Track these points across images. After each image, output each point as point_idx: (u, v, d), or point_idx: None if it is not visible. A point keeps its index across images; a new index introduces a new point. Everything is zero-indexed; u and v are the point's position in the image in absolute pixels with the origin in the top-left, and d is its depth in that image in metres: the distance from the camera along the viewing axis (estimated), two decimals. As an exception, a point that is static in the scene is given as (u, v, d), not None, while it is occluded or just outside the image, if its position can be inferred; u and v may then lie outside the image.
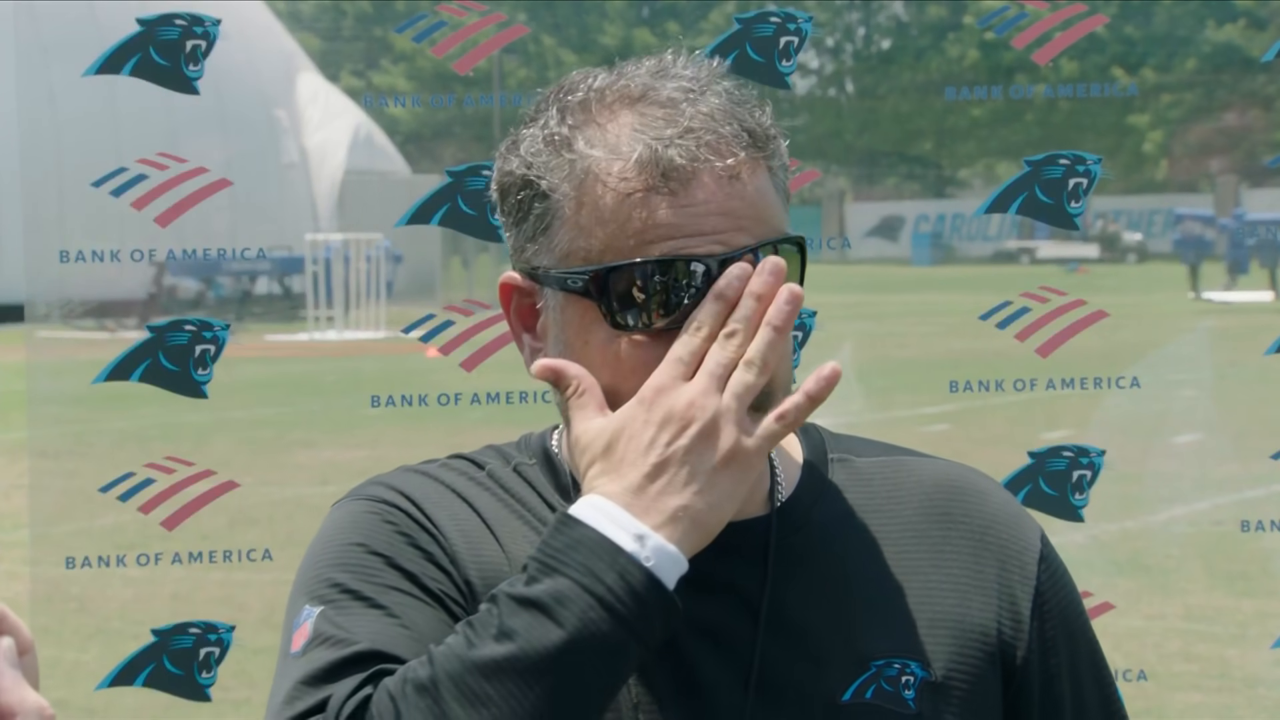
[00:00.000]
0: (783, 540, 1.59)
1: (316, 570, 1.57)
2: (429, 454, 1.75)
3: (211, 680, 3.23)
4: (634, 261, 1.51)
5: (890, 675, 1.56)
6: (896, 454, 1.70)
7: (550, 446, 1.67)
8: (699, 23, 47.12)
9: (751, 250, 1.51)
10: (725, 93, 1.56)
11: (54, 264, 3.20)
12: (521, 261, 1.58)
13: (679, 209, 1.51)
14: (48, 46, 5.67)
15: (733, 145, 1.53)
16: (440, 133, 48.34)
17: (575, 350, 1.55)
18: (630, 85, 1.55)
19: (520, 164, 1.57)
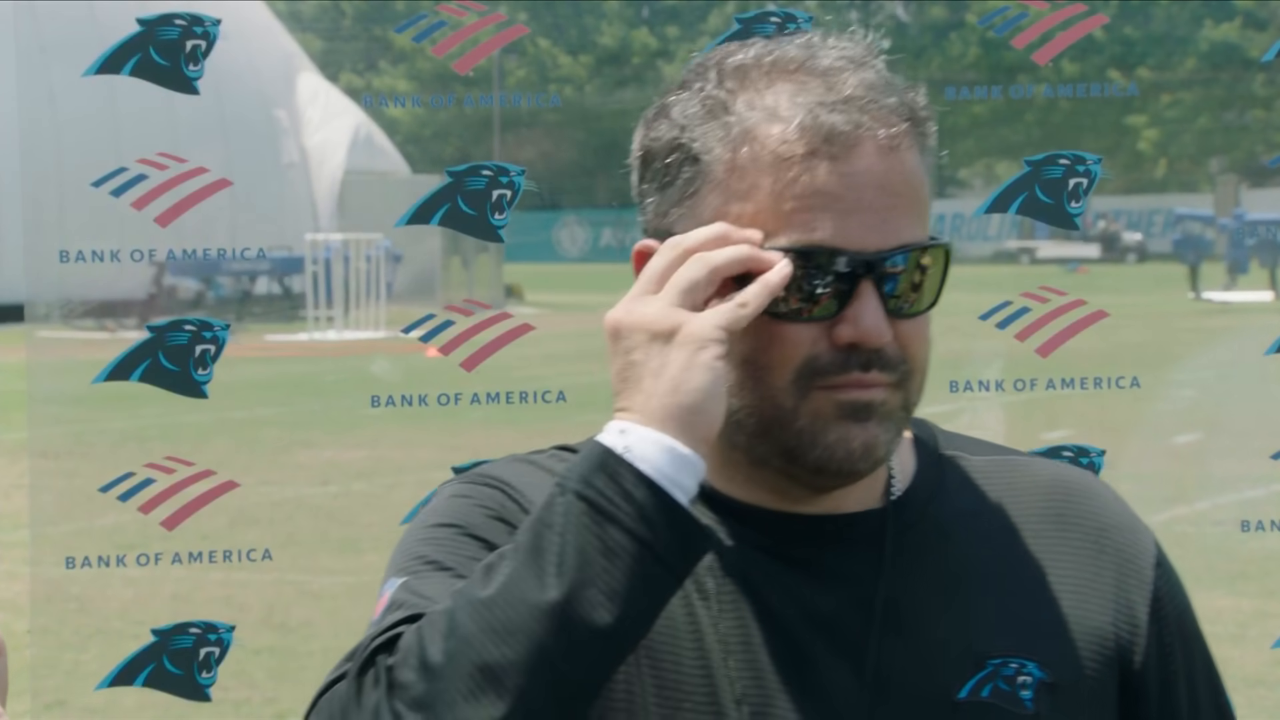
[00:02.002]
0: (898, 533, 1.56)
1: (405, 547, 1.57)
2: (429, 454, 1.75)
3: (211, 680, 3.23)
4: (777, 246, 1.47)
5: (1007, 674, 1.54)
6: (1007, 454, 1.67)
7: None
8: (699, 23, 47.11)
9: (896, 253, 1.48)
10: (881, 68, 1.53)
11: (54, 264, 3.19)
12: (661, 229, 1.54)
13: (840, 176, 1.47)
14: (48, 46, 5.67)
15: (894, 116, 1.50)
16: (440, 133, 48.34)
17: None
18: (787, 55, 1.52)
19: (671, 127, 1.53)
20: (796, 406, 1.48)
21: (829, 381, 1.48)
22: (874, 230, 1.48)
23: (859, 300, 1.48)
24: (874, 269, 1.47)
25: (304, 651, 7.50)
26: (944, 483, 1.62)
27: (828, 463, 1.49)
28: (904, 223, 1.49)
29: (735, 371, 1.49)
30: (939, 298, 1.53)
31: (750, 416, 1.50)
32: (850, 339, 1.48)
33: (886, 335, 1.48)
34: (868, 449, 1.49)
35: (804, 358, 1.48)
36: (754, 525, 1.55)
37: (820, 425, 1.48)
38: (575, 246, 45.86)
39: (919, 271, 1.50)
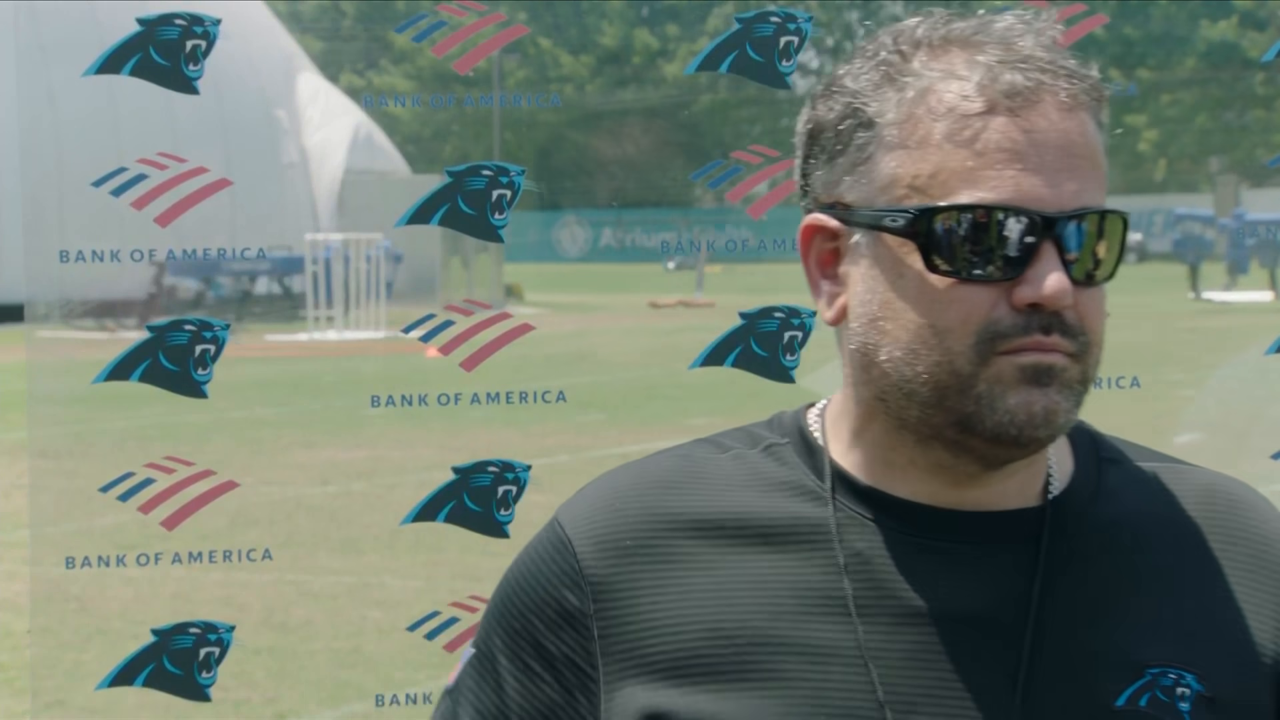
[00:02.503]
0: (1056, 534, 1.52)
1: (496, 600, 1.61)
2: (429, 454, 1.75)
3: (211, 680, 3.23)
4: (957, 205, 1.44)
5: (1165, 685, 1.49)
6: (1167, 460, 1.63)
7: (806, 425, 1.60)
8: (699, 23, 47.11)
9: (1079, 214, 1.45)
10: (1058, 36, 1.50)
11: (54, 264, 3.19)
12: (832, 198, 1.51)
13: (1021, 132, 1.44)
14: (48, 46, 5.67)
15: (1074, 78, 1.46)
16: (440, 133, 48.35)
17: (885, 287, 1.48)
18: (961, 25, 1.49)
19: (843, 95, 1.50)
20: (976, 372, 1.44)
21: (1009, 345, 1.44)
22: (1056, 189, 1.44)
23: (1040, 261, 1.43)
24: (1055, 229, 1.44)
25: (304, 651, 7.50)
26: (1103, 485, 1.57)
27: (1007, 428, 1.44)
28: (1085, 184, 1.46)
29: (910, 337, 1.46)
30: (1116, 270, 1.50)
31: (925, 384, 1.46)
32: (1031, 299, 1.43)
33: (1070, 298, 1.44)
34: (1048, 415, 1.44)
35: (984, 320, 1.44)
36: (906, 520, 1.51)
37: (1000, 390, 1.44)
38: (575, 246, 45.86)
39: (1099, 239, 1.47)
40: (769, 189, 3.44)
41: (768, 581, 1.50)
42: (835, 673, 1.47)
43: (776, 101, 47.00)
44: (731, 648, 1.48)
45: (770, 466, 1.57)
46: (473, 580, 8.42)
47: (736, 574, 1.51)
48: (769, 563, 1.51)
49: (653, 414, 14.37)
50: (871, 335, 1.49)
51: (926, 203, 1.45)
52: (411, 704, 3.48)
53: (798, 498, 1.54)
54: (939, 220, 1.44)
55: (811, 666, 1.47)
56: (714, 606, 1.50)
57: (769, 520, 1.53)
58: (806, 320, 3.29)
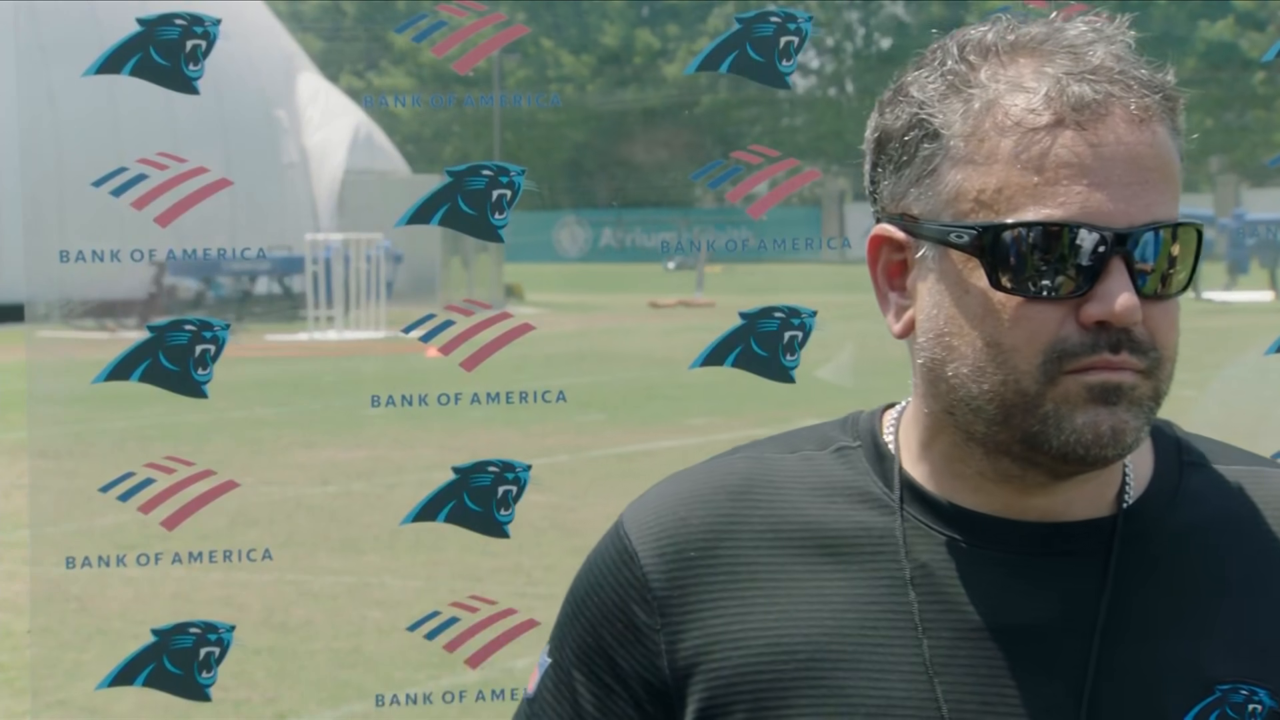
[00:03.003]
0: (1128, 544, 1.49)
1: (566, 610, 1.60)
2: (429, 454, 1.75)
3: (211, 680, 3.23)
4: (1023, 222, 1.41)
5: (1236, 702, 1.46)
6: (1257, 463, 1.58)
7: (880, 428, 1.57)
8: (699, 23, 47.10)
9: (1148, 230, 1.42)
10: (1131, 44, 1.47)
11: (54, 264, 3.19)
12: (899, 210, 1.49)
13: (1088, 146, 1.41)
14: (48, 46, 5.66)
15: (1146, 89, 1.44)
16: (440, 133, 48.34)
17: (951, 303, 1.45)
18: (1031, 32, 1.46)
19: (909, 105, 1.47)
20: (1043, 391, 1.42)
21: (1077, 364, 1.41)
22: (1124, 204, 1.42)
23: (1109, 277, 1.41)
24: (1124, 245, 1.41)
25: (304, 651, 7.50)
26: (1182, 492, 1.53)
27: (1074, 448, 1.42)
28: (1155, 198, 1.43)
29: (976, 354, 1.44)
30: (1191, 283, 1.47)
31: (991, 402, 1.44)
32: (1099, 317, 1.41)
33: (1138, 315, 1.41)
34: (1116, 434, 1.41)
35: (1051, 339, 1.41)
36: (973, 532, 1.49)
37: (1067, 410, 1.42)
38: (575, 246, 45.83)
39: (1171, 252, 1.44)
40: (769, 189, 3.44)
41: (831, 595, 1.49)
42: (899, 688, 1.46)
43: (776, 101, 47.02)
44: (794, 663, 1.47)
45: (838, 471, 1.55)
46: (473, 580, 8.42)
47: (800, 586, 1.50)
48: (833, 575, 1.50)
49: (653, 414, 14.37)
50: (938, 350, 1.47)
51: (992, 219, 1.43)
52: (411, 704, 3.48)
53: (863, 505, 1.52)
54: (1005, 237, 1.42)
55: (875, 682, 1.46)
56: (777, 620, 1.49)
57: (834, 529, 1.51)
58: (806, 320, 3.29)
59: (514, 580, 8.30)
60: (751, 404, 12.06)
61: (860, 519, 1.51)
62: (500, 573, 8.41)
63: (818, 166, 1.75)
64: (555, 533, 9.45)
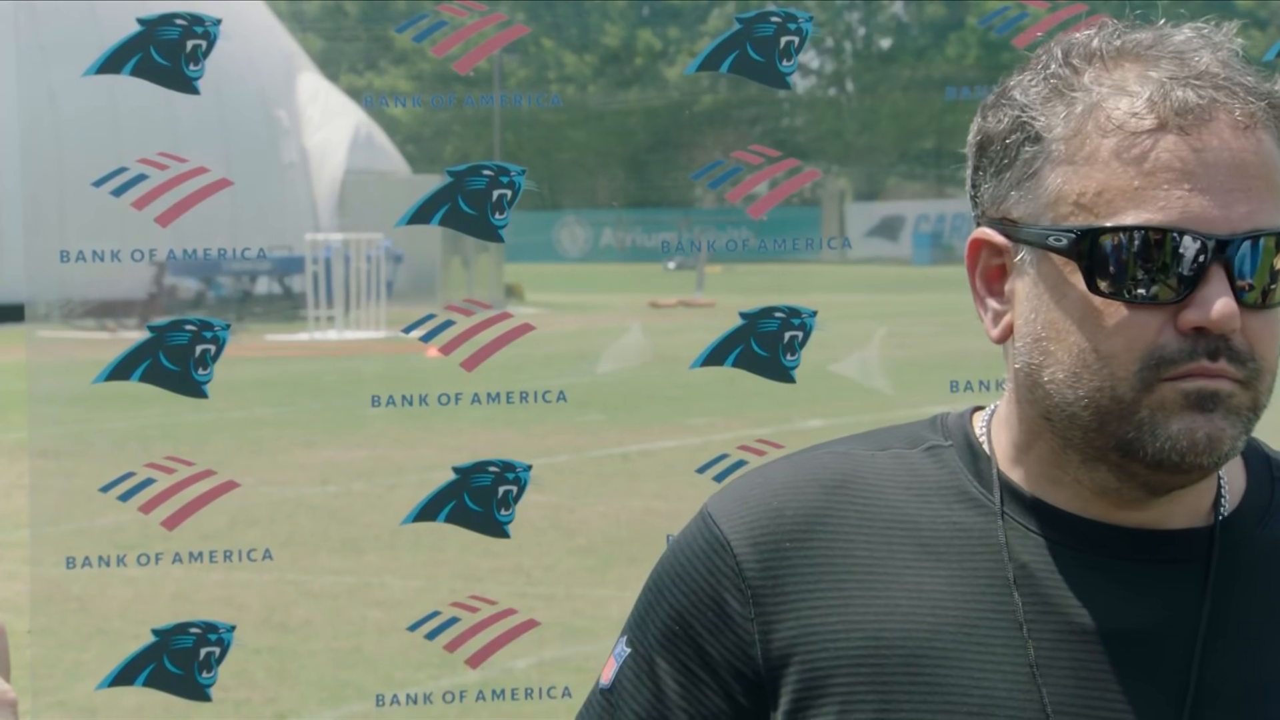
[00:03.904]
0: (1224, 555, 1.48)
1: (648, 599, 1.58)
2: (429, 454, 1.74)
3: (212, 680, 3.23)
4: (1122, 226, 1.40)
5: None
6: None
7: (971, 429, 1.56)
8: (700, 23, 47.12)
9: (1249, 237, 1.41)
10: (1238, 50, 1.46)
11: (54, 264, 3.19)
12: (999, 213, 1.48)
13: (1191, 151, 1.40)
14: (48, 46, 5.67)
15: (1252, 96, 1.42)
16: (440, 133, 48.35)
17: (1049, 307, 1.45)
18: (1136, 37, 1.45)
19: (1012, 108, 1.47)
20: (1139, 398, 1.41)
21: (1174, 371, 1.41)
22: (1226, 211, 1.40)
23: (1208, 284, 1.39)
24: (1224, 252, 1.40)
25: (304, 651, 7.50)
26: (1275, 505, 1.53)
27: (1169, 454, 1.41)
28: (1259, 206, 1.41)
29: (1072, 360, 1.44)
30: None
31: (1087, 409, 1.43)
32: (1197, 323, 1.40)
33: (1237, 322, 1.40)
34: (1212, 442, 1.41)
35: (1150, 345, 1.41)
36: (1073, 535, 1.49)
37: (1163, 417, 1.41)
38: (575, 246, 45.86)
39: (1273, 263, 1.42)
40: (769, 189, 3.44)
41: (930, 591, 1.48)
42: (1001, 687, 1.45)
43: (777, 101, 47.03)
44: (895, 657, 1.47)
45: (931, 469, 1.54)
46: (473, 580, 8.43)
47: (899, 581, 1.49)
48: (932, 572, 1.49)
49: (653, 414, 14.37)
50: (1035, 355, 1.46)
51: (1092, 222, 1.42)
52: (412, 704, 3.48)
53: (959, 504, 1.52)
54: (1104, 241, 1.41)
55: (977, 680, 1.46)
56: (876, 614, 1.48)
57: (931, 527, 1.51)
58: (807, 320, 3.29)
59: (514, 580, 8.30)
60: (751, 404, 12.06)
61: (957, 518, 1.51)
62: (500, 573, 8.41)
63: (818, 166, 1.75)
64: (555, 533, 9.45)
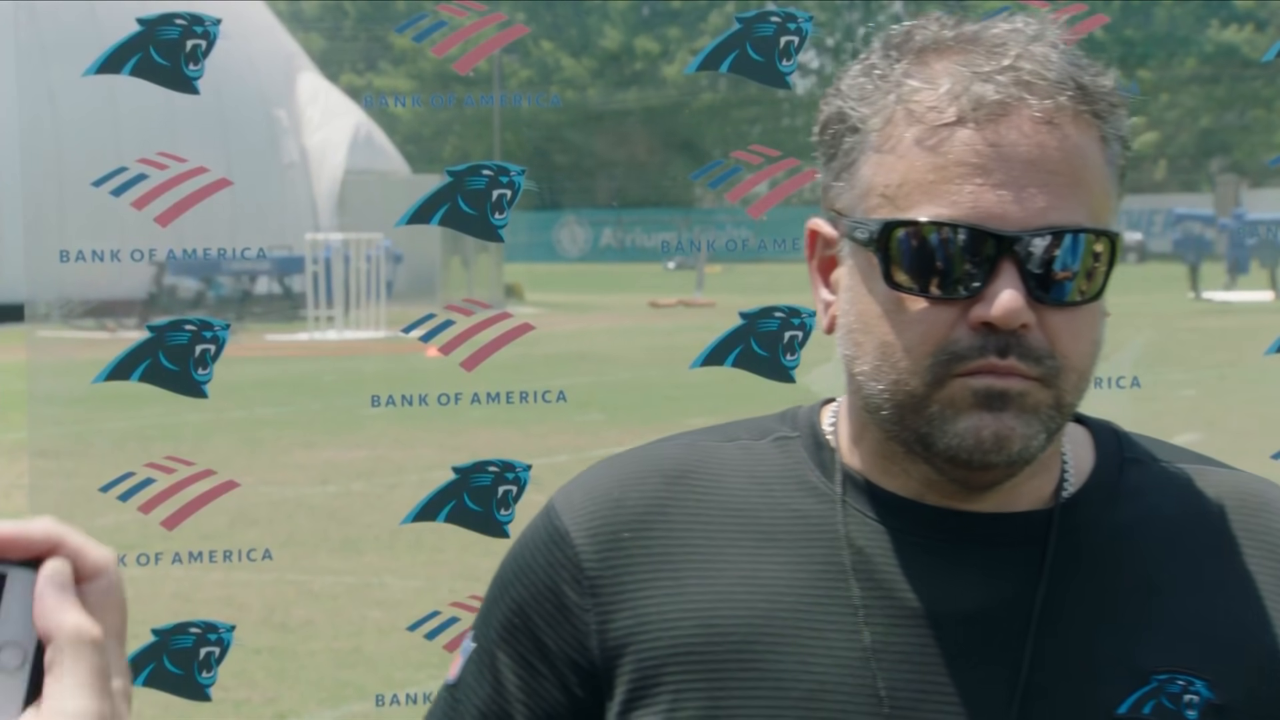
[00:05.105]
0: (1065, 536, 1.49)
1: (492, 593, 1.59)
2: (429, 454, 1.74)
3: (211, 680, 3.23)
4: (914, 220, 1.41)
5: (1172, 692, 1.45)
6: (1198, 462, 1.58)
7: (820, 421, 1.57)
8: (699, 23, 47.10)
9: (1042, 233, 1.40)
10: (1062, 45, 1.45)
11: (54, 264, 3.19)
12: (828, 203, 1.49)
13: (987, 146, 1.39)
14: (48, 46, 5.66)
15: (1055, 90, 1.41)
16: (440, 133, 48.35)
17: (860, 300, 1.46)
18: (959, 31, 1.45)
19: (838, 98, 1.48)
20: (930, 394, 1.42)
21: (965, 367, 1.41)
22: (1020, 206, 1.40)
23: (998, 279, 1.40)
24: (1016, 247, 1.39)
25: (304, 651, 7.50)
26: (1123, 487, 1.53)
27: (958, 451, 1.42)
28: (1057, 202, 1.41)
29: (875, 353, 1.44)
30: (1103, 292, 1.45)
31: (888, 402, 1.44)
32: (985, 318, 1.40)
33: (1024, 317, 1.40)
34: (1000, 440, 1.41)
35: (942, 340, 1.41)
36: (914, 521, 1.49)
37: (952, 413, 1.41)
38: (575, 246, 45.83)
39: (1077, 258, 1.42)
40: (769, 189, 3.44)
41: (766, 579, 1.49)
42: (834, 673, 1.46)
43: (776, 101, 46.98)
44: (727, 645, 1.47)
45: (776, 459, 1.55)
46: (473, 580, 8.42)
47: (735, 569, 1.49)
48: (769, 559, 1.50)
49: (653, 414, 14.37)
50: (850, 347, 1.47)
51: (893, 214, 1.43)
52: (411, 704, 3.48)
53: (800, 493, 1.52)
54: (899, 234, 1.42)
55: (809, 666, 1.46)
56: (710, 602, 1.48)
57: (771, 515, 1.51)
58: (806, 320, 3.29)
59: (514, 580, 8.29)
60: (751, 404, 12.02)
61: (798, 506, 1.52)
62: (500, 573, 8.40)
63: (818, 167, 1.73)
64: (555, 533, 9.43)
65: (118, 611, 0.96)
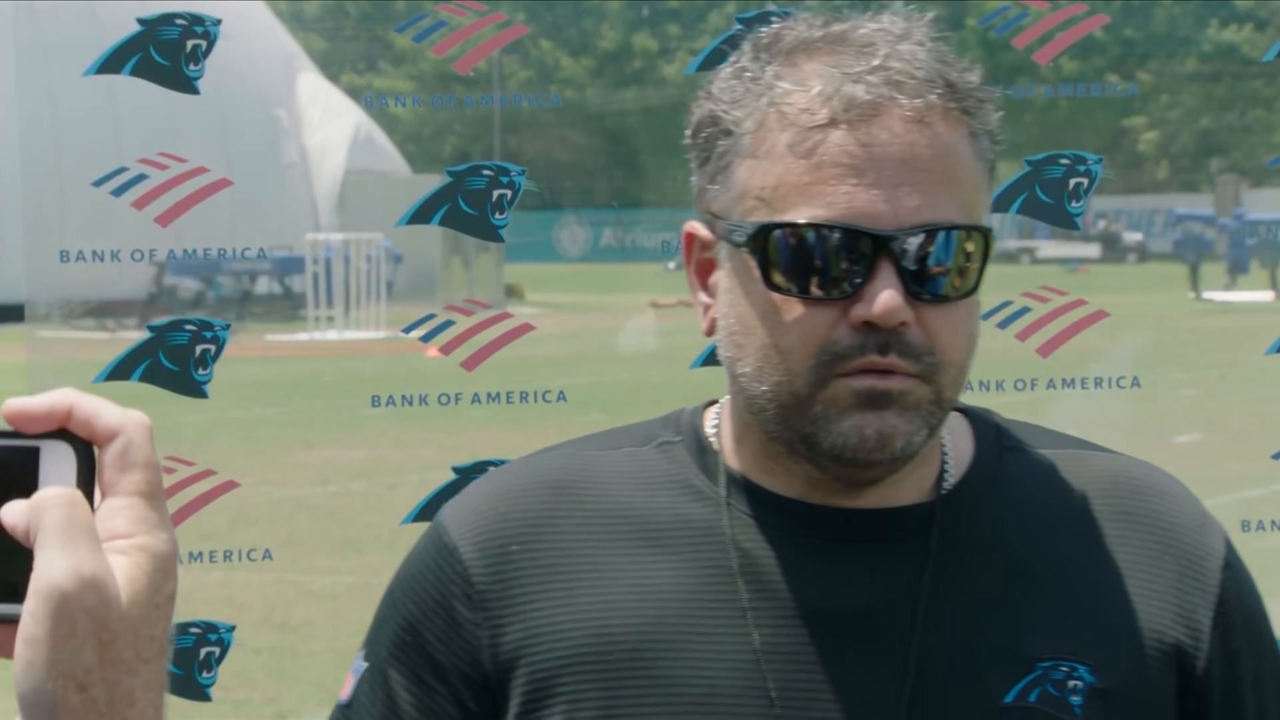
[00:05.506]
0: (948, 528, 1.50)
1: (383, 612, 1.59)
2: (429, 454, 1.75)
3: (211, 680, 3.23)
4: (791, 222, 1.42)
5: (1056, 678, 1.47)
6: (1077, 446, 1.60)
7: (702, 424, 1.58)
8: (699, 23, 47.09)
9: (916, 231, 1.41)
10: (930, 42, 1.46)
11: (54, 264, 3.19)
12: (704, 206, 1.50)
13: (859, 147, 1.40)
14: (48, 46, 5.66)
15: (925, 89, 1.42)
16: (440, 133, 48.35)
17: (739, 302, 1.47)
18: (828, 30, 1.46)
19: (709, 101, 1.49)
20: (814, 394, 1.43)
21: (847, 367, 1.42)
22: (894, 205, 1.41)
23: (875, 278, 1.41)
24: (891, 246, 1.41)
25: (304, 651, 7.50)
26: (1002, 476, 1.55)
27: (843, 450, 1.43)
28: (930, 200, 1.42)
29: (758, 355, 1.45)
30: (977, 287, 1.46)
31: (771, 403, 1.45)
32: (865, 317, 1.41)
33: (903, 315, 1.41)
34: (882, 439, 1.42)
35: (823, 341, 1.42)
36: (798, 520, 1.50)
37: (835, 413, 1.43)
38: (575, 246, 45.83)
39: (950, 255, 1.44)
40: (769, 189, 3.43)
41: (655, 585, 1.49)
42: (724, 676, 1.46)
43: (777, 101, 46.76)
44: (619, 653, 1.47)
45: (660, 464, 1.56)
46: (473, 580, 8.42)
47: (624, 577, 1.50)
48: (658, 566, 1.50)
49: (652, 414, 14.32)
50: (730, 349, 1.49)
51: (769, 217, 1.43)
52: (411, 704, 3.48)
53: (685, 497, 1.53)
54: (776, 236, 1.43)
55: (700, 670, 1.46)
56: (601, 611, 1.49)
57: (658, 521, 1.52)
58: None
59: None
60: (751, 404, 12.01)
61: (684, 511, 1.52)
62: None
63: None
64: (555, 533, 9.44)
65: (140, 471, 0.97)
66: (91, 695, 0.91)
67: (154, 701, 0.93)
